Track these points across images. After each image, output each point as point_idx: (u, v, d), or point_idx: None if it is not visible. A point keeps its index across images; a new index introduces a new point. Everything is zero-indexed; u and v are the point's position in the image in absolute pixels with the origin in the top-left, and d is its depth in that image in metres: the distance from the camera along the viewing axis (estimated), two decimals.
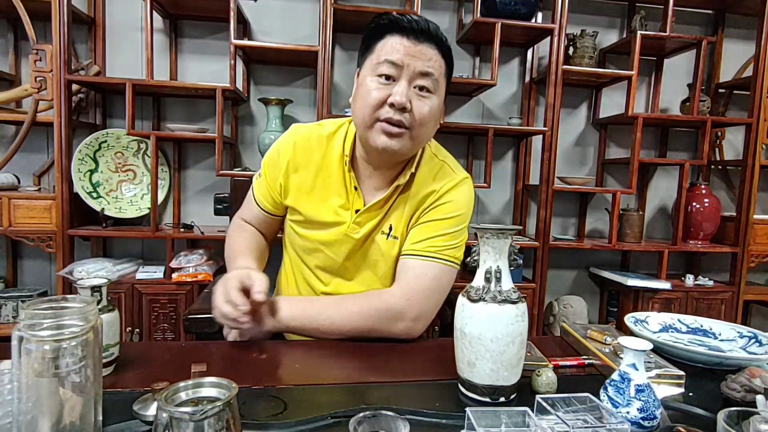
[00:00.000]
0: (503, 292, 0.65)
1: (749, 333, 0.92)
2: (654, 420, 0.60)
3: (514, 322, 0.64)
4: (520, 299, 0.66)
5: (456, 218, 0.96)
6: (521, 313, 0.65)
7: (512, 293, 0.65)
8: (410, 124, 0.87)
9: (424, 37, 0.86)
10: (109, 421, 0.57)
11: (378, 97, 0.86)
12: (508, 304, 0.64)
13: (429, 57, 0.86)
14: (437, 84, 0.88)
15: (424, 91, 0.87)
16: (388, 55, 0.85)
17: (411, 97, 0.86)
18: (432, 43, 0.87)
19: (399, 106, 0.84)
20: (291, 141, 1.00)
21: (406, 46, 0.85)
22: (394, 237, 0.98)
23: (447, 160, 1.02)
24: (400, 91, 0.84)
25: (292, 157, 0.99)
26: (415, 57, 0.85)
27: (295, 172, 1.00)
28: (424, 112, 0.87)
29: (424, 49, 0.86)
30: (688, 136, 2.61)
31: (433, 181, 0.98)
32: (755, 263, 2.38)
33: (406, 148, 0.90)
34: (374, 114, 0.87)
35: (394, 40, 0.86)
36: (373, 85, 0.87)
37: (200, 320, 0.98)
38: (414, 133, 0.88)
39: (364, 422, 0.53)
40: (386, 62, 0.85)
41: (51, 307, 0.51)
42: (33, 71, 1.86)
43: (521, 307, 0.65)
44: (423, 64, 0.85)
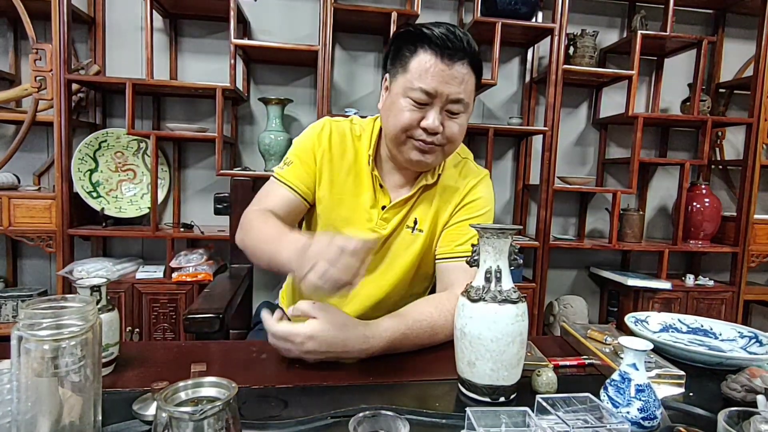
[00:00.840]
0: (503, 292, 0.65)
1: (750, 333, 0.92)
2: (654, 420, 0.59)
3: (514, 322, 0.64)
4: (520, 299, 0.66)
5: (487, 213, 1.03)
6: (521, 313, 0.65)
7: (512, 293, 0.65)
8: (441, 143, 0.91)
9: (459, 55, 0.86)
10: (109, 420, 0.57)
11: (411, 119, 0.88)
12: (509, 304, 0.64)
13: (461, 80, 0.87)
14: (468, 104, 0.90)
15: (455, 113, 0.89)
16: (421, 81, 0.86)
17: (443, 120, 0.89)
18: (465, 59, 0.87)
19: (432, 131, 0.88)
20: (326, 133, 1.01)
21: (440, 70, 0.85)
22: (419, 230, 1.01)
23: (469, 157, 1.08)
24: (433, 117, 0.87)
25: (327, 148, 1.00)
26: (448, 83, 0.86)
27: (330, 164, 1.00)
28: (454, 131, 0.90)
29: (457, 71, 0.86)
30: (689, 136, 2.61)
31: (459, 177, 1.03)
32: (755, 263, 2.38)
33: (438, 161, 0.95)
34: (407, 133, 0.90)
35: (427, 59, 0.86)
36: (406, 106, 0.88)
37: (200, 320, 0.97)
38: (446, 149, 0.93)
39: (363, 422, 0.53)
40: (420, 89, 0.86)
41: (50, 307, 0.51)
42: (33, 71, 1.86)
43: (521, 307, 0.65)
44: (455, 90, 0.86)
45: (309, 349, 0.73)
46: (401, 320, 0.83)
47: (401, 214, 1.00)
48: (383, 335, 0.79)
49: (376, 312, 0.93)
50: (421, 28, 0.87)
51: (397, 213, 1.00)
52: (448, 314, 0.87)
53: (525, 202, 2.50)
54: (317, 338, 0.73)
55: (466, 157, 1.07)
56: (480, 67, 0.92)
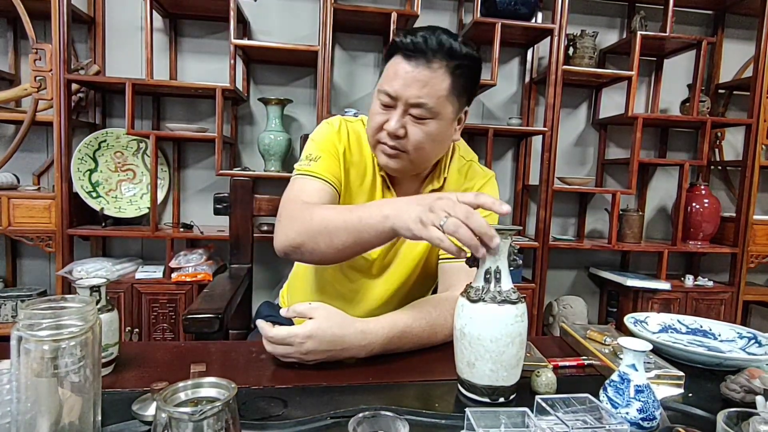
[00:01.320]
0: (503, 293, 0.65)
1: (749, 334, 0.92)
2: (653, 421, 0.59)
3: (513, 322, 0.64)
4: (519, 299, 0.66)
5: (492, 214, 1.00)
6: (521, 313, 0.65)
7: (512, 293, 0.65)
8: (404, 149, 0.89)
9: (426, 57, 0.84)
10: (108, 421, 0.57)
11: (378, 122, 0.89)
12: (508, 304, 0.64)
13: (425, 83, 0.84)
14: (435, 109, 0.86)
15: (419, 119, 0.87)
16: (386, 83, 0.87)
17: (406, 124, 0.87)
18: (436, 61, 0.84)
19: (391, 135, 0.87)
20: (345, 131, 1.00)
21: (406, 72, 0.84)
22: None
23: (474, 160, 1.07)
24: (394, 120, 0.86)
25: (347, 146, 0.99)
26: (409, 86, 0.84)
27: (348, 162, 0.99)
28: (418, 138, 0.88)
29: (422, 73, 0.84)
30: (688, 137, 2.61)
31: (465, 180, 1.03)
32: (755, 264, 2.38)
33: (406, 168, 0.93)
34: (375, 136, 0.91)
35: (396, 63, 0.86)
36: (376, 109, 0.89)
37: (200, 320, 0.97)
38: (412, 156, 0.90)
39: (363, 422, 0.53)
40: (384, 92, 0.87)
41: (50, 307, 0.51)
42: (32, 70, 1.86)
43: (521, 308, 0.65)
44: (415, 93, 0.84)
45: (309, 349, 0.73)
46: (399, 318, 0.83)
47: None
48: (381, 332, 0.79)
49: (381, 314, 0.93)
50: (400, 36, 0.87)
51: None
52: (447, 314, 0.87)
53: (524, 203, 2.50)
54: (316, 337, 0.73)
55: (471, 160, 1.07)
56: (467, 72, 0.88)
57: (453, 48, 0.85)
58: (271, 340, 0.75)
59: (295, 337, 0.73)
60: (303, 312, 0.77)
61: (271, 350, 0.75)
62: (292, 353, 0.74)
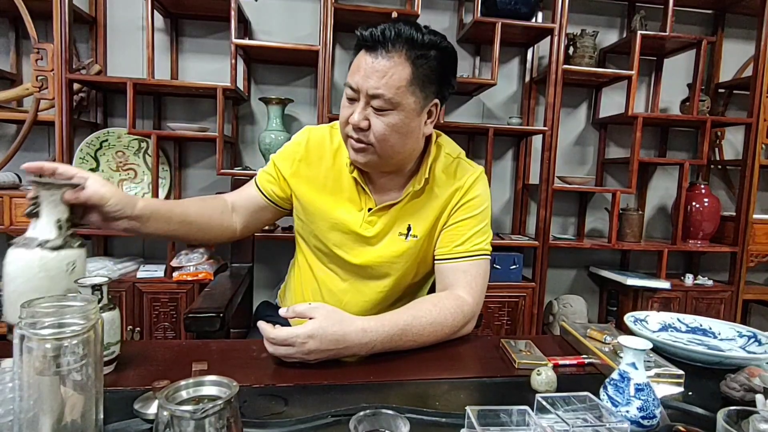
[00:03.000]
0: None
1: (748, 332, 0.92)
2: (653, 419, 0.60)
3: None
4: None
5: (484, 211, 1.02)
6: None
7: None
8: (369, 142, 0.89)
9: (385, 48, 0.84)
10: (110, 419, 0.57)
11: (344, 116, 0.90)
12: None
13: (383, 73, 0.84)
14: (395, 100, 0.85)
15: (381, 110, 0.87)
16: (349, 76, 0.89)
17: (369, 116, 0.87)
18: (394, 52, 0.84)
19: (354, 127, 0.88)
20: (304, 139, 1.04)
21: (367, 64, 0.85)
22: (413, 236, 1.00)
23: (461, 156, 1.06)
24: (357, 111, 0.87)
25: (304, 154, 1.03)
26: (368, 78, 0.85)
27: (307, 167, 1.03)
28: (380, 130, 0.87)
29: (381, 64, 0.84)
30: (688, 136, 2.61)
31: (454, 178, 1.01)
32: (754, 263, 2.38)
33: (374, 162, 0.93)
34: (344, 131, 0.92)
35: (359, 57, 0.88)
36: (343, 103, 0.91)
37: (201, 319, 0.98)
38: (377, 149, 0.90)
39: (364, 421, 0.53)
40: (347, 85, 0.89)
41: (52, 306, 0.51)
42: (34, 70, 1.86)
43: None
44: (374, 85, 0.84)
45: (310, 349, 0.74)
46: (400, 315, 0.83)
47: (388, 218, 1.00)
48: (382, 330, 0.79)
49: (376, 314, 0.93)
50: (358, 32, 0.88)
51: (382, 216, 1.00)
52: (448, 312, 0.88)
53: (525, 202, 2.50)
54: (317, 336, 0.74)
55: (458, 157, 1.05)
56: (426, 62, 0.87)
57: (413, 37, 0.85)
58: (272, 341, 0.75)
59: (297, 337, 0.73)
60: (303, 312, 0.78)
61: (273, 351, 0.76)
62: (293, 354, 0.74)
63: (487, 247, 1.00)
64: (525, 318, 2.23)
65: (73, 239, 0.71)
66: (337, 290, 1.04)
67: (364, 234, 0.99)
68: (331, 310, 0.78)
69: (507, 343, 0.86)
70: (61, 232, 0.70)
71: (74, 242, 0.71)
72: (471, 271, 0.97)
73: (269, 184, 1.05)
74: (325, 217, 1.01)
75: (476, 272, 0.97)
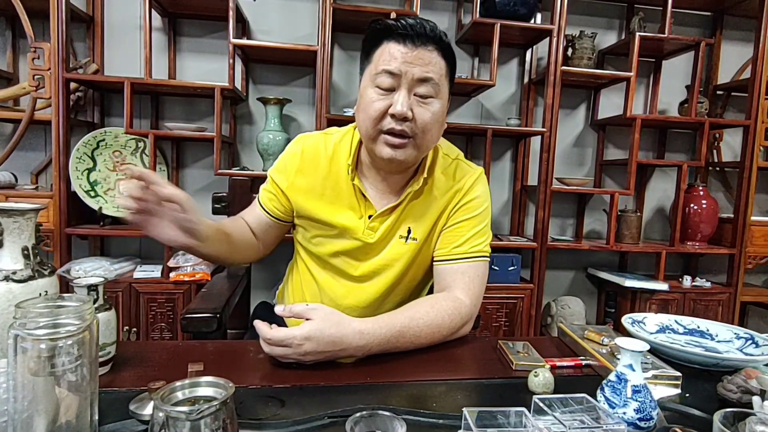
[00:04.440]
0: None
1: (746, 334, 0.92)
2: (650, 421, 0.60)
3: None
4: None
5: (484, 212, 1.01)
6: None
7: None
8: (413, 133, 0.85)
9: (421, 40, 0.83)
10: (106, 420, 0.56)
11: (379, 108, 0.84)
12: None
13: (427, 61, 0.84)
14: (438, 88, 0.86)
15: (425, 97, 0.85)
16: (385, 64, 0.83)
17: (412, 105, 0.84)
18: (431, 44, 0.84)
19: (400, 116, 0.83)
20: (299, 149, 1.01)
21: (403, 53, 0.83)
22: (413, 239, 0.98)
23: (459, 157, 1.04)
24: (401, 100, 0.83)
25: (300, 165, 1.00)
26: (412, 63, 0.83)
27: (304, 177, 1.00)
28: (426, 119, 0.85)
29: (422, 53, 0.83)
30: (686, 138, 2.61)
31: (453, 180, 1.00)
32: (752, 265, 2.38)
33: (412, 156, 0.89)
34: (377, 126, 0.86)
35: (390, 47, 0.84)
36: (373, 96, 0.85)
37: (198, 319, 0.97)
38: (418, 141, 0.87)
39: (360, 422, 0.53)
40: (384, 72, 0.83)
41: (47, 306, 0.51)
42: (31, 69, 1.86)
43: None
44: (421, 70, 0.83)
45: (307, 350, 0.73)
46: (397, 317, 0.83)
47: (389, 222, 0.98)
48: (379, 332, 0.79)
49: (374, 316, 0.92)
50: (383, 23, 0.86)
51: (384, 221, 0.98)
52: (445, 314, 0.88)
53: (523, 203, 2.50)
54: (314, 339, 0.73)
55: (456, 158, 1.03)
56: (452, 57, 0.89)
57: (442, 35, 0.86)
58: (269, 341, 0.75)
59: (294, 338, 0.73)
60: (300, 313, 0.77)
61: (269, 351, 0.75)
62: (290, 354, 0.74)
63: (486, 248, 0.99)
64: (523, 319, 2.23)
65: (42, 267, 0.66)
66: (336, 295, 1.03)
67: (367, 241, 0.98)
68: (329, 311, 0.78)
69: (505, 344, 0.86)
70: (29, 262, 0.65)
71: (45, 270, 0.66)
72: (469, 272, 0.96)
73: (271, 202, 1.03)
74: (327, 226, 0.99)
75: (475, 274, 0.97)
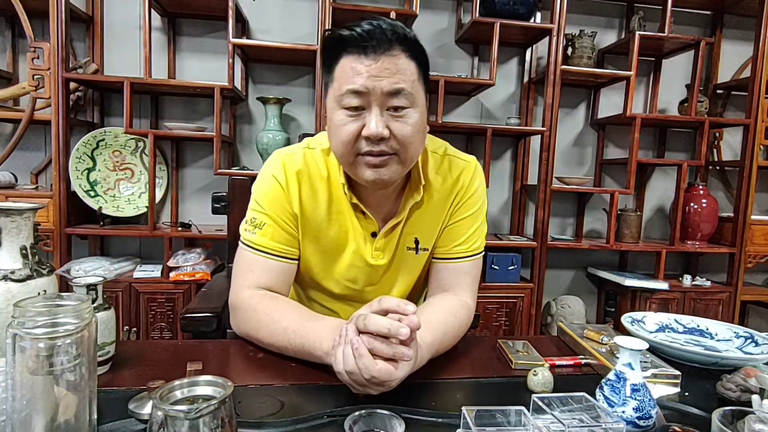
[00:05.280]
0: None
1: (745, 333, 0.92)
2: (650, 419, 0.60)
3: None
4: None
5: (482, 206, 0.96)
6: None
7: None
8: (394, 150, 0.77)
9: (384, 47, 0.73)
10: (104, 419, 0.56)
11: (351, 131, 0.76)
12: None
13: (395, 70, 0.74)
14: (413, 96, 0.76)
15: (400, 110, 0.76)
16: (348, 83, 0.74)
17: (387, 122, 0.75)
18: (395, 48, 0.74)
19: (376, 138, 0.74)
20: (292, 169, 0.87)
21: (366, 67, 0.73)
22: (423, 249, 0.95)
23: (448, 151, 0.96)
24: (374, 120, 0.74)
25: (297, 193, 0.87)
26: (378, 77, 0.73)
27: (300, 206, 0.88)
28: (406, 134, 0.76)
29: (387, 62, 0.73)
30: (686, 137, 2.61)
31: (450, 178, 0.93)
32: (752, 264, 2.38)
33: (398, 173, 0.80)
34: (352, 150, 0.77)
35: (350, 62, 0.74)
36: (343, 119, 0.76)
37: (197, 319, 0.98)
38: (402, 157, 0.78)
39: (359, 421, 0.53)
40: (348, 93, 0.74)
41: (46, 305, 0.51)
42: (30, 69, 1.86)
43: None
44: (390, 82, 0.73)
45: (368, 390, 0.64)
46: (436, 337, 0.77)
47: (395, 238, 0.92)
48: (426, 356, 0.74)
49: None
50: (339, 32, 0.76)
51: (390, 239, 0.92)
52: (463, 323, 0.88)
53: (523, 202, 2.50)
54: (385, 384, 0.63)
55: (445, 152, 0.95)
56: (421, 54, 0.79)
57: (405, 33, 0.76)
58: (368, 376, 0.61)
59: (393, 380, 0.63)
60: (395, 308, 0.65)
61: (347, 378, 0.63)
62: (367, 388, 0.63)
63: (483, 245, 0.98)
64: (523, 318, 2.23)
65: (41, 266, 0.66)
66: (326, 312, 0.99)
67: (376, 264, 0.92)
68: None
69: (504, 343, 0.86)
70: (27, 261, 0.65)
71: (43, 269, 0.66)
72: (471, 272, 0.95)
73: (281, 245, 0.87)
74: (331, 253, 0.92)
75: (476, 273, 0.96)
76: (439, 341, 0.77)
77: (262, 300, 0.82)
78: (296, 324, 0.76)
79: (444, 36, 2.38)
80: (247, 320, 0.83)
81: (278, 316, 0.79)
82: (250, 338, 0.84)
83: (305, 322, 0.76)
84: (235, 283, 0.88)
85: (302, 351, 0.74)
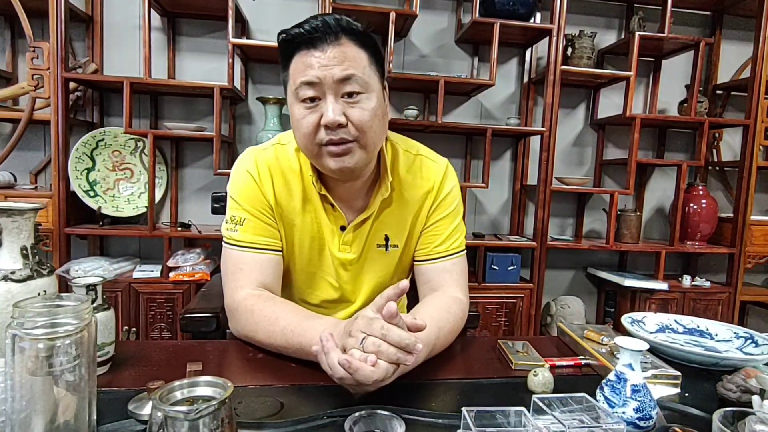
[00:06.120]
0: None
1: (745, 334, 0.92)
2: (650, 420, 0.60)
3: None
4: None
5: (457, 206, 0.99)
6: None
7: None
8: (353, 136, 0.79)
9: (330, 38, 0.77)
10: (104, 420, 0.56)
11: (311, 122, 0.79)
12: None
13: (343, 57, 0.77)
14: (365, 81, 0.79)
15: (354, 96, 0.78)
16: (302, 76, 0.78)
17: (344, 109, 0.78)
18: (342, 37, 0.78)
19: (333, 125, 0.77)
20: (265, 173, 0.90)
21: (316, 58, 0.77)
22: (393, 246, 0.97)
23: (420, 151, 0.98)
24: (330, 108, 0.77)
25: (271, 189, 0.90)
26: (328, 66, 0.76)
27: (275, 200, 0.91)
28: (363, 119, 0.79)
29: (335, 51, 0.77)
30: (686, 137, 2.61)
31: (421, 179, 0.95)
32: (752, 264, 2.39)
33: (363, 160, 0.82)
34: (314, 141, 0.80)
35: (302, 56, 0.78)
36: (302, 112, 0.80)
37: (197, 319, 0.97)
38: (362, 142, 0.81)
39: (359, 422, 0.53)
40: (303, 85, 0.78)
41: (45, 305, 0.51)
42: (30, 69, 1.85)
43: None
44: (340, 69, 0.76)
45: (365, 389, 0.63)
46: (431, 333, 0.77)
47: (363, 234, 0.94)
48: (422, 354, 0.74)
49: None
50: (289, 31, 0.79)
51: (358, 234, 0.94)
52: (458, 318, 0.88)
53: (523, 203, 2.50)
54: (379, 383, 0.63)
55: (418, 153, 0.97)
56: (370, 42, 0.81)
57: (350, 23, 0.79)
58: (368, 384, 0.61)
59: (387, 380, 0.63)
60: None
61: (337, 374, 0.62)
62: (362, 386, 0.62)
63: (463, 244, 0.99)
64: (523, 319, 2.23)
65: (41, 267, 0.66)
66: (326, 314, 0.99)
67: (343, 258, 0.94)
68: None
69: (504, 343, 0.86)
70: (28, 261, 0.65)
71: (43, 269, 0.66)
72: (455, 269, 0.96)
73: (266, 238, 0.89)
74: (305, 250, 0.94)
75: (460, 270, 0.97)
76: (435, 336, 0.78)
77: (258, 301, 0.83)
78: (294, 324, 0.76)
79: (444, 36, 2.38)
80: (245, 322, 0.83)
81: (276, 316, 0.79)
82: (249, 340, 0.84)
83: (303, 321, 0.77)
84: (228, 285, 0.89)
85: (301, 350, 0.75)
